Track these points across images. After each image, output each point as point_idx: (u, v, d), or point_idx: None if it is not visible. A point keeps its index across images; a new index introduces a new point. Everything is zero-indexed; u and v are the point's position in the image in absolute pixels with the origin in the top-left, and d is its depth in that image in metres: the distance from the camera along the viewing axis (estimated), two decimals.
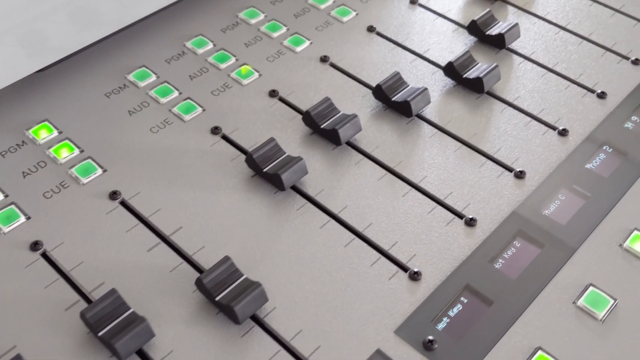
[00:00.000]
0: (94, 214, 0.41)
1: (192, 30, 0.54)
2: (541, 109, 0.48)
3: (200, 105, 0.48)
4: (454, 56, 0.50)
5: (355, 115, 0.45)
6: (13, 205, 0.41)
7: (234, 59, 0.51)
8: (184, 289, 0.37)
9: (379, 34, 0.54)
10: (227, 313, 0.35)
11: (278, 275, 0.38)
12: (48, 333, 0.35)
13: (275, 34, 0.54)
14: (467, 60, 0.49)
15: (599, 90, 0.49)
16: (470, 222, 0.41)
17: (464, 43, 0.53)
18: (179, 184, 0.42)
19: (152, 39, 0.53)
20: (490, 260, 0.39)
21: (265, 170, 0.42)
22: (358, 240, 0.40)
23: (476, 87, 0.48)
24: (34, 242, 0.39)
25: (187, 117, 0.47)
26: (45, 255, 0.39)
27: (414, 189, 0.43)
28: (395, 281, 0.38)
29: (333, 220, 0.41)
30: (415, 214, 0.41)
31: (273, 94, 0.49)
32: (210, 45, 0.52)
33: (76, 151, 0.44)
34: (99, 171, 0.43)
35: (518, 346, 0.36)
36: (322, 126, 0.45)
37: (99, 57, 0.51)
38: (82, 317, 0.35)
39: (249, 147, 0.45)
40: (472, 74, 0.49)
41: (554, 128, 0.47)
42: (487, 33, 0.52)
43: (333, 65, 0.51)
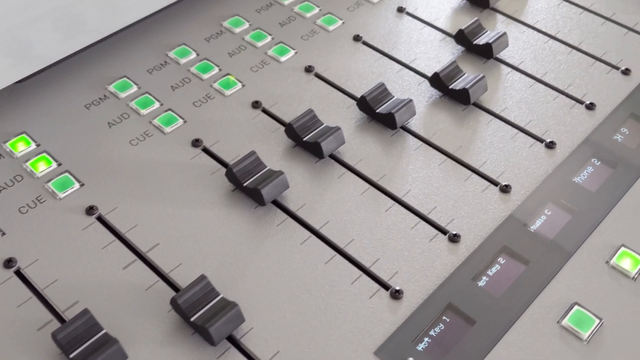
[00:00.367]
0: (70, 230, 0.40)
1: (175, 39, 0.53)
2: (528, 121, 0.47)
3: (182, 117, 0.47)
4: (441, 66, 0.49)
5: (339, 128, 0.44)
6: None
7: (217, 69, 0.50)
8: (160, 309, 0.36)
9: (365, 43, 0.53)
10: (203, 334, 0.35)
11: (256, 293, 0.37)
12: (19, 353, 0.35)
13: (260, 43, 0.53)
14: (454, 71, 0.48)
15: (588, 101, 0.49)
16: (454, 238, 0.40)
17: (451, 52, 0.52)
18: (158, 199, 0.42)
19: (134, 49, 0.52)
20: (474, 278, 0.38)
21: (245, 184, 0.41)
22: (339, 257, 0.39)
23: (462, 99, 0.48)
24: (8, 259, 0.38)
25: (168, 129, 0.46)
26: (19, 273, 0.38)
27: (397, 204, 0.42)
28: (376, 300, 0.37)
29: (314, 236, 0.40)
30: (398, 230, 0.41)
31: (256, 105, 0.48)
32: (194, 55, 0.51)
33: (54, 165, 0.43)
34: (77, 185, 0.42)
35: None
36: (305, 139, 0.44)
37: (79, 68, 0.50)
38: (54, 338, 0.34)
39: (230, 160, 0.44)
40: (459, 85, 0.48)
41: (541, 140, 0.46)
42: (475, 43, 0.51)
43: (318, 76, 0.50)
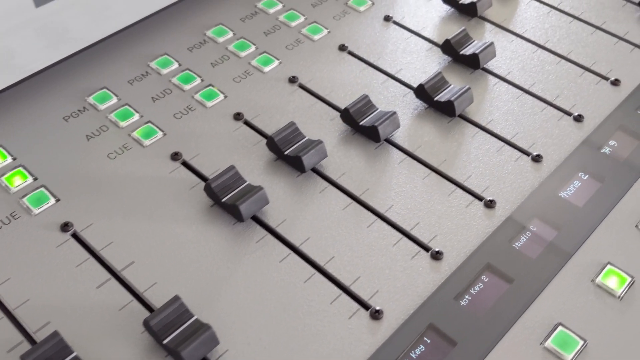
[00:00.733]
0: (43, 247, 0.39)
1: (157, 49, 0.52)
2: (515, 133, 0.46)
3: (161, 129, 0.46)
4: (426, 77, 0.48)
5: (321, 142, 0.43)
6: None
7: (199, 80, 0.49)
8: (133, 330, 0.35)
9: (351, 53, 0.52)
10: (176, 357, 0.34)
11: (232, 314, 0.36)
12: None
13: (244, 53, 0.52)
14: (439, 82, 0.48)
15: (576, 113, 0.48)
16: (437, 256, 0.39)
17: (437, 63, 0.51)
18: (134, 215, 0.41)
19: (115, 59, 0.51)
20: (456, 297, 0.37)
21: (223, 200, 0.40)
22: (319, 275, 0.38)
23: (447, 111, 0.47)
24: None
25: (147, 142, 0.45)
26: None
27: (379, 219, 0.41)
28: (355, 320, 0.36)
29: (293, 254, 0.39)
30: (380, 247, 0.40)
31: (238, 117, 0.47)
32: (175, 65, 0.51)
33: (29, 179, 0.42)
34: (52, 201, 0.41)
35: None
36: (286, 152, 0.43)
37: (59, 78, 0.49)
38: None
39: (210, 175, 0.43)
40: (444, 96, 0.47)
41: (527, 154, 0.45)
42: (461, 53, 0.50)
43: (302, 87, 0.49)
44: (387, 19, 0.55)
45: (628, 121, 0.47)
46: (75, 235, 0.40)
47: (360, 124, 0.45)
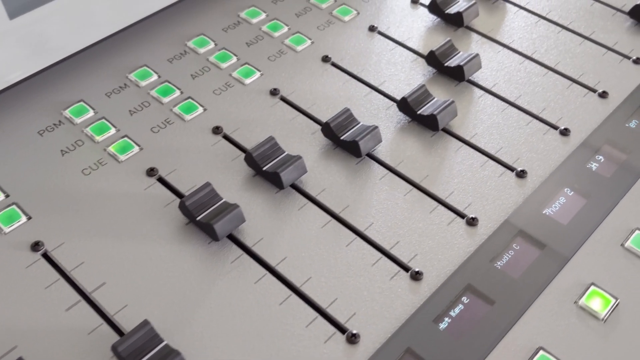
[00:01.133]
0: (12, 268, 0.38)
1: (137, 60, 0.51)
2: (499, 148, 0.45)
3: (138, 144, 0.45)
4: (409, 90, 0.47)
5: (300, 157, 0.42)
6: None
7: (178, 92, 0.48)
8: (102, 355, 0.34)
9: (334, 64, 0.51)
10: None
11: (205, 338, 0.35)
12: None
13: (225, 65, 0.51)
14: (422, 95, 0.47)
15: (563, 127, 0.47)
16: (416, 276, 0.38)
17: (422, 74, 0.50)
18: (107, 233, 0.40)
19: (93, 71, 0.50)
20: (435, 319, 0.36)
21: (198, 218, 0.39)
22: (295, 297, 0.37)
23: (431, 125, 0.46)
24: None
25: (123, 157, 0.44)
26: None
27: (359, 238, 0.40)
28: (331, 344, 0.35)
29: (269, 274, 0.38)
30: (359, 267, 0.39)
31: (217, 130, 0.46)
32: (155, 77, 0.50)
33: (1, 196, 0.41)
34: (23, 219, 0.40)
35: None
36: (264, 168, 0.42)
37: (34, 91, 0.48)
38: None
39: (186, 191, 0.42)
40: (427, 110, 0.46)
41: (511, 169, 0.44)
42: (446, 64, 0.49)
43: (283, 99, 0.48)
44: (372, 29, 0.54)
45: (615, 135, 0.46)
46: (45, 255, 0.39)
47: (341, 138, 0.44)
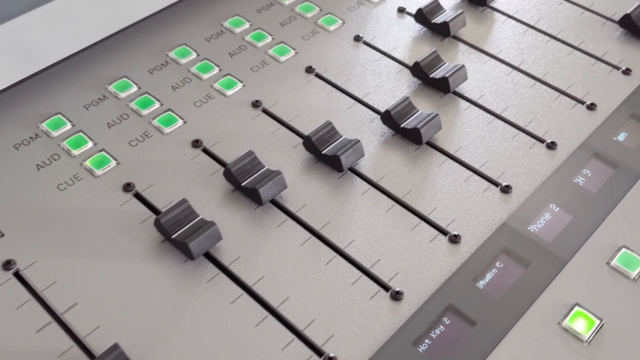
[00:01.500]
0: None
1: (117, 70, 0.50)
2: (484, 162, 0.44)
3: (115, 158, 0.44)
4: (393, 102, 0.46)
5: (279, 173, 0.41)
6: None
7: (158, 104, 0.48)
8: None
9: (318, 75, 0.50)
10: None
11: None
12: None
13: (206, 75, 0.50)
14: (406, 108, 0.46)
15: (549, 140, 0.46)
16: (397, 296, 0.37)
17: (407, 86, 0.50)
18: (81, 251, 0.39)
19: (71, 82, 0.49)
20: (415, 342, 0.35)
21: (173, 236, 0.38)
22: (271, 318, 0.36)
23: (414, 138, 0.45)
24: None
25: (99, 172, 0.43)
26: None
27: (339, 256, 0.39)
28: None
29: (246, 294, 0.37)
30: (338, 286, 0.38)
31: (196, 144, 0.45)
32: (134, 89, 0.49)
33: None
34: None
35: None
36: (243, 184, 0.41)
37: (10, 103, 0.47)
38: None
39: (163, 207, 0.41)
40: (411, 123, 0.45)
41: (496, 184, 0.43)
42: (431, 76, 0.49)
43: (265, 111, 0.48)
44: (357, 39, 0.53)
45: (603, 149, 0.45)
46: (17, 274, 0.38)
47: (323, 152, 0.43)
